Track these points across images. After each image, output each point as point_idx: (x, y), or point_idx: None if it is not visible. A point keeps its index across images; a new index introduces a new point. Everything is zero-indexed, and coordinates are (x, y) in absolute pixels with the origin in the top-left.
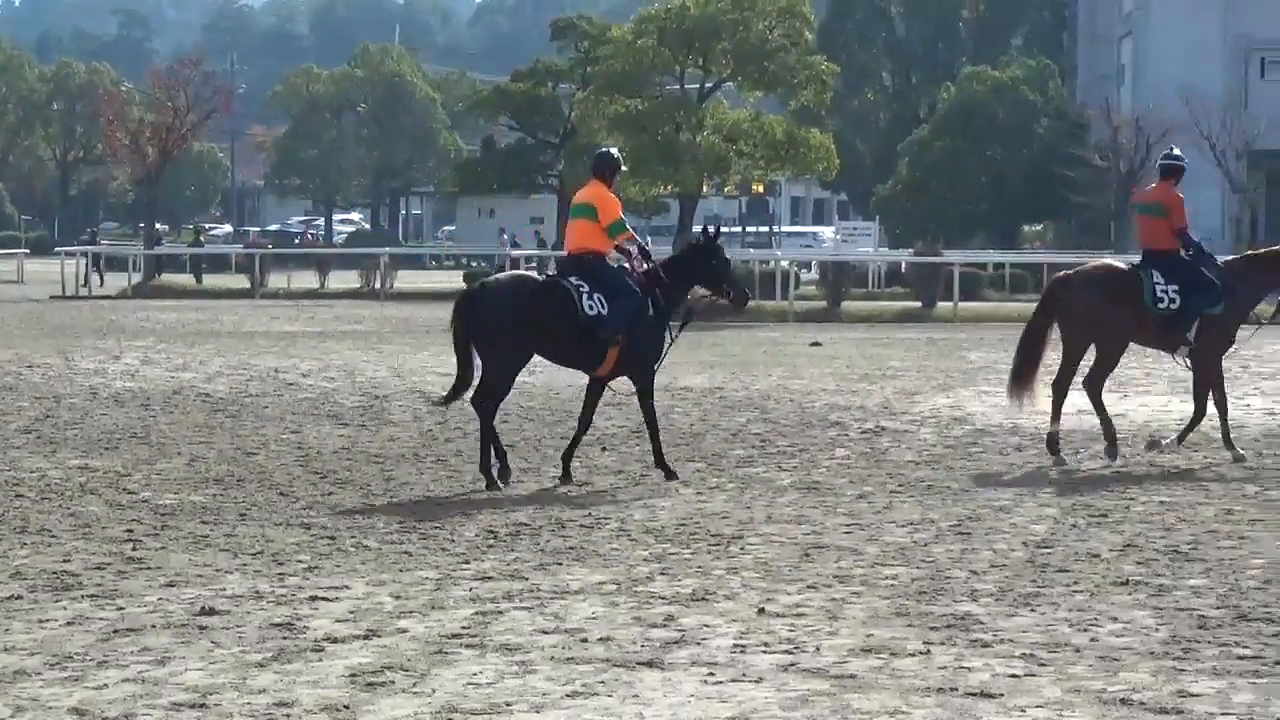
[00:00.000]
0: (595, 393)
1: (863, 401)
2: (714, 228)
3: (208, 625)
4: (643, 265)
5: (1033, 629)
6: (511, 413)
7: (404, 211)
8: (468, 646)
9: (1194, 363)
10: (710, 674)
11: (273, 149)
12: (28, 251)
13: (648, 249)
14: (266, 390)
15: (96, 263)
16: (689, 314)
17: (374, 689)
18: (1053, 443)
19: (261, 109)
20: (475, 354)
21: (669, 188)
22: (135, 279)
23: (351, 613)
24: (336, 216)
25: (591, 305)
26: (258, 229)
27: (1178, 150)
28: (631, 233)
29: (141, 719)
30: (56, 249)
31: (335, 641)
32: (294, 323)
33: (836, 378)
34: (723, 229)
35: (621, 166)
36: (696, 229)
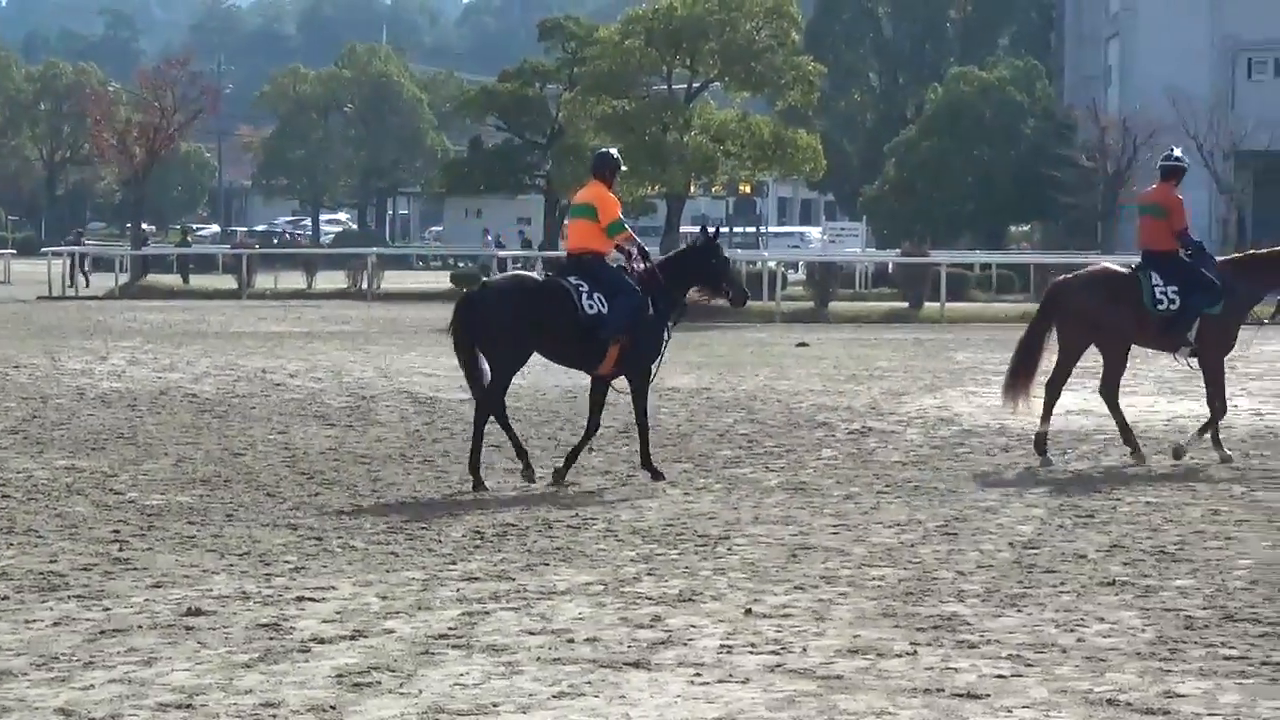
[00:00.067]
0: (600, 393)
1: (850, 402)
2: (713, 228)
3: (194, 626)
4: (641, 265)
5: (1019, 630)
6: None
7: (391, 212)
8: (454, 647)
9: (1201, 365)
10: (697, 674)
11: (260, 149)
12: (14, 252)
13: (646, 249)
14: (253, 391)
15: (81, 264)
16: (680, 311)
17: (360, 689)
18: (1040, 443)
19: (249, 109)
20: (480, 356)
21: (656, 188)
22: (122, 279)
23: (338, 613)
24: (324, 217)
25: (591, 305)
26: (244, 229)
27: (1179, 152)
28: (630, 232)
29: (128, 719)
30: (43, 249)
31: (322, 642)
32: (281, 323)
33: (823, 378)
34: (710, 229)
35: (621, 167)
36: (685, 229)
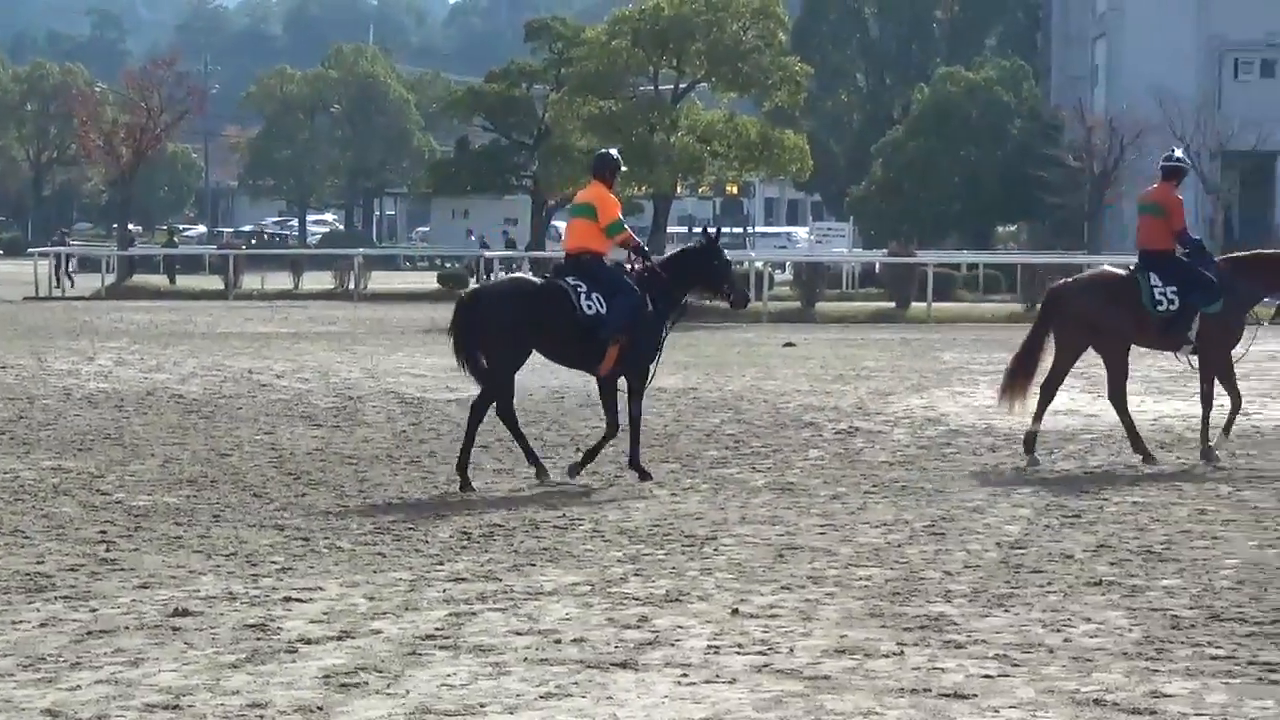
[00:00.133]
0: (609, 392)
1: (837, 402)
2: (715, 229)
3: (181, 626)
4: (640, 263)
5: (1006, 630)
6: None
7: (378, 212)
8: (441, 648)
9: (1209, 363)
10: (684, 675)
11: (246, 150)
12: (1, 252)
13: (646, 248)
14: (240, 391)
15: (65, 265)
16: (680, 311)
17: (348, 690)
18: (1030, 442)
19: (235, 109)
20: (481, 358)
21: (643, 189)
22: (109, 280)
23: (325, 614)
24: (310, 217)
25: (590, 305)
26: (230, 230)
27: (1180, 152)
28: (630, 233)
29: None
30: (30, 250)
31: (309, 643)
32: (268, 324)
33: (810, 378)
34: (695, 229)
35: (622, 167)
36: (672, 230)
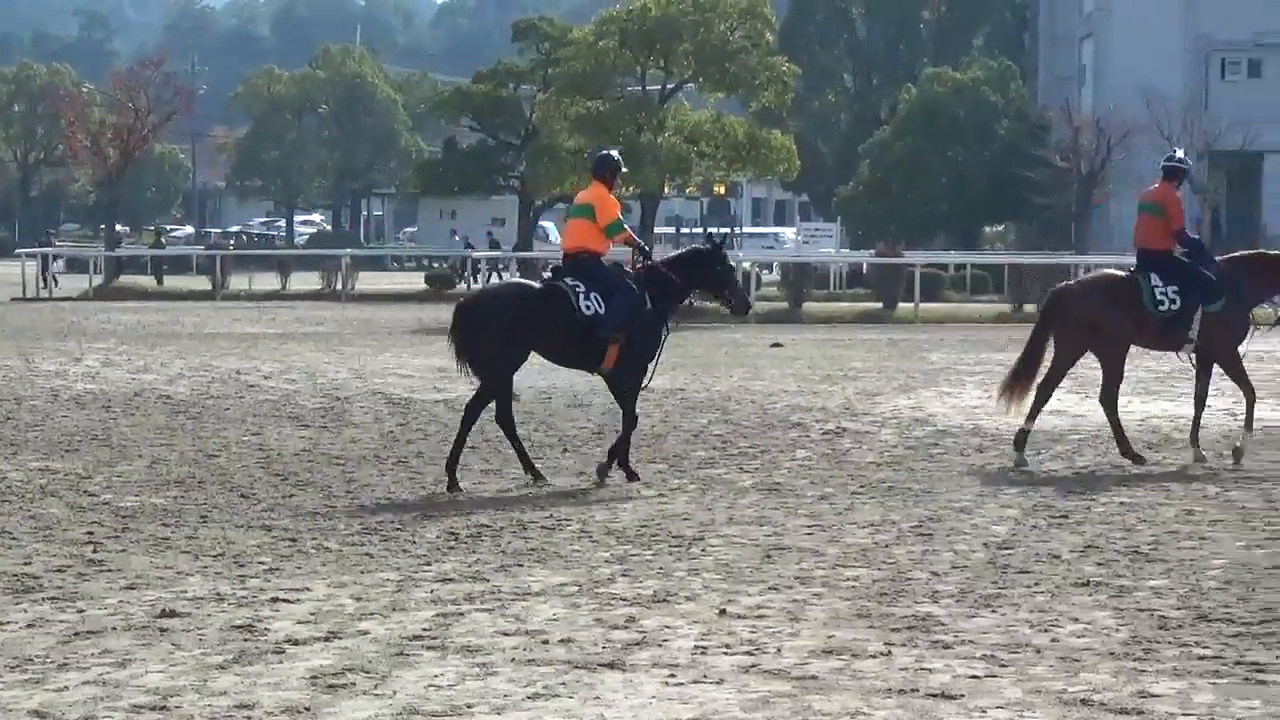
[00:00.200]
0: (618, 389)
1: (824, 403)
2: (720, 235)
3: (168, 627)
4: (641, 262)
5: (993, 630)
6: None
7: (365, 213)
8: (429, 648)
9: (1220, 363)
10: (671, 675)
11: (234, 150)
12: None
13: (646, 248)
14: (228, 392)
15: (47, 266)
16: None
17: (335, 691)
18: (1021, 440)
19: (223, 110)
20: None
21: (630, 189)
22: (96, 281)
23: (312, 614)
24: (298, 218)
25: (589, 305)
26: (218, 230)
27: (1181, 153)
28: (629, 232)
29: None
30: (17, 251)
31: (296, 643)
32: (255, 324)
33: (798, 379)
34: (683, 230)
35: (622, 168)
36: (660, 230)
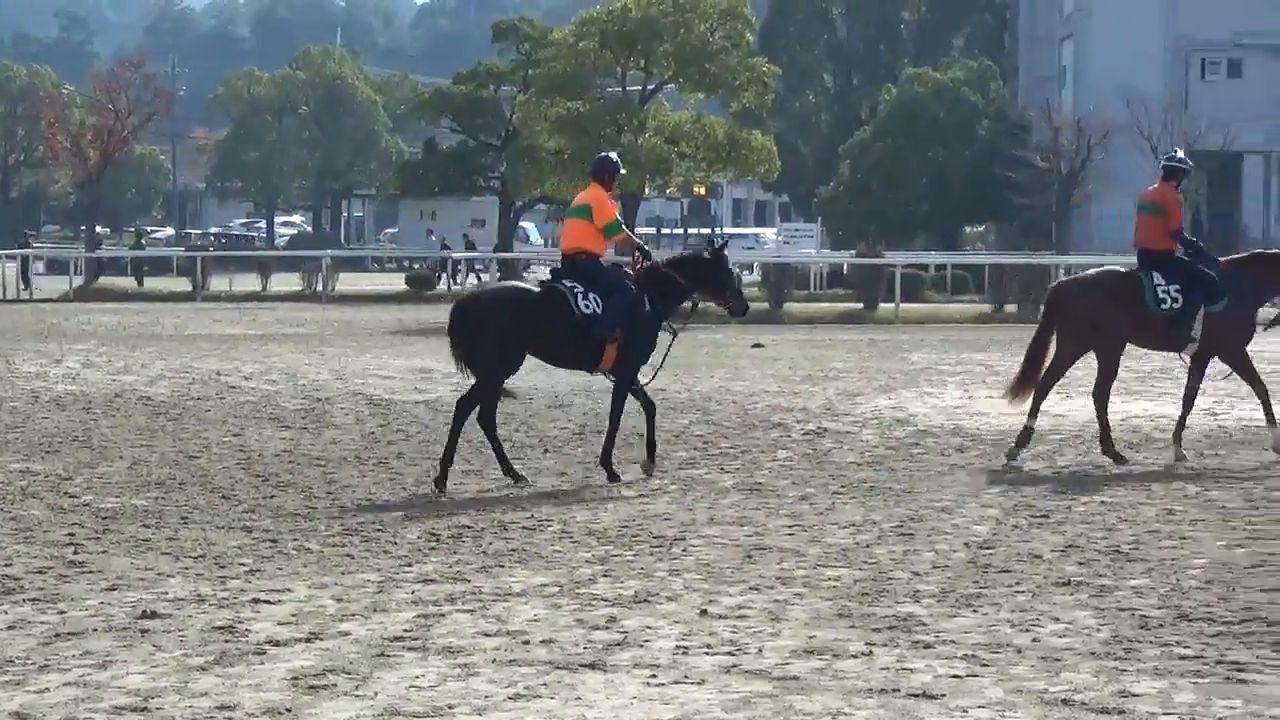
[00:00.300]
0: (637, 391)
1: (805, 403)
2: (722, 239)
3: (149, 629)
4: (641, 263)
5: (975, 630)
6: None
7: (346, 214)
8: (410, 649)
9: (1231, 363)
10: (652, 676)
11: (214, 152)
12: None
13: (646, 248)
14: (208, 393)
15: (25, 269)
16: (685, 313)
17: (316, 692)
18: (1025, 437)
19: (203, 111)
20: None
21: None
22: (77, 282)
23: (293, 615)
24: (279, 219)
25: (587, 305)
26: (199, 232)
27: (1181, 153)
28: (627, 233)
29: None
30: None
31: (277, 644)
32: (236, 325)
33: (778, 379)
34: (664, 230)
35: (620, 170)
36: (641, 230)
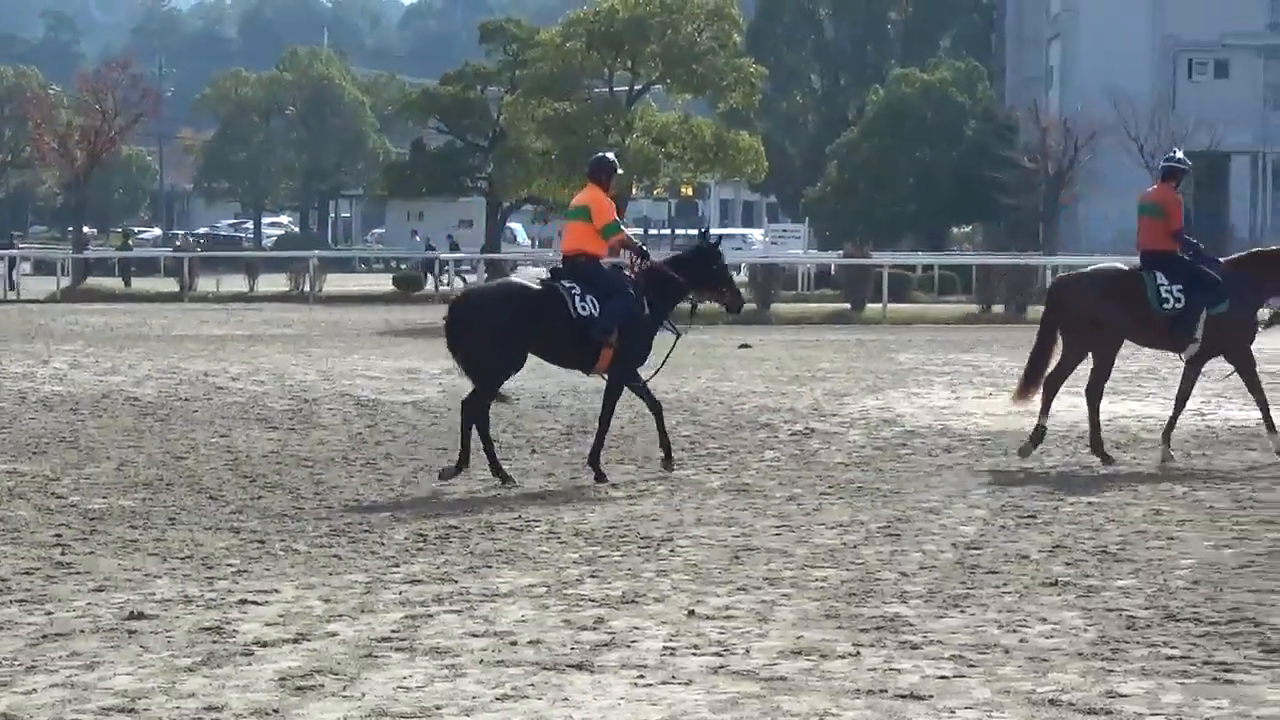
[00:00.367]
0: (640, 390)
1: (792, 403)
2: (716, 235)
3: (137, 630)
4: (640, 264)
5: (962, 630)
6: (446, 415)
7: (333, 215)
8: (397, 650)
9: (1237, 365)
10: (640, 676)
11: (201, 152)
12: None
13: (645, 249)
14: (195, 394)
15: (13, 268)
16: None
17: (303, 693)
18: (1038, 435)
19: (190, 112)
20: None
21: None
22: (64, 283)
23: (281, 616)
24: (266, 220)
25: (584, 306)
26: (185, 232)
27: (1181, 153)
28: (625, 233)
29: None
30: None
31: (265, 645)
32: (223, 326)
33: (766, 380)
34: (651, 231)
35: (617, 170)
36: (629, 231)
